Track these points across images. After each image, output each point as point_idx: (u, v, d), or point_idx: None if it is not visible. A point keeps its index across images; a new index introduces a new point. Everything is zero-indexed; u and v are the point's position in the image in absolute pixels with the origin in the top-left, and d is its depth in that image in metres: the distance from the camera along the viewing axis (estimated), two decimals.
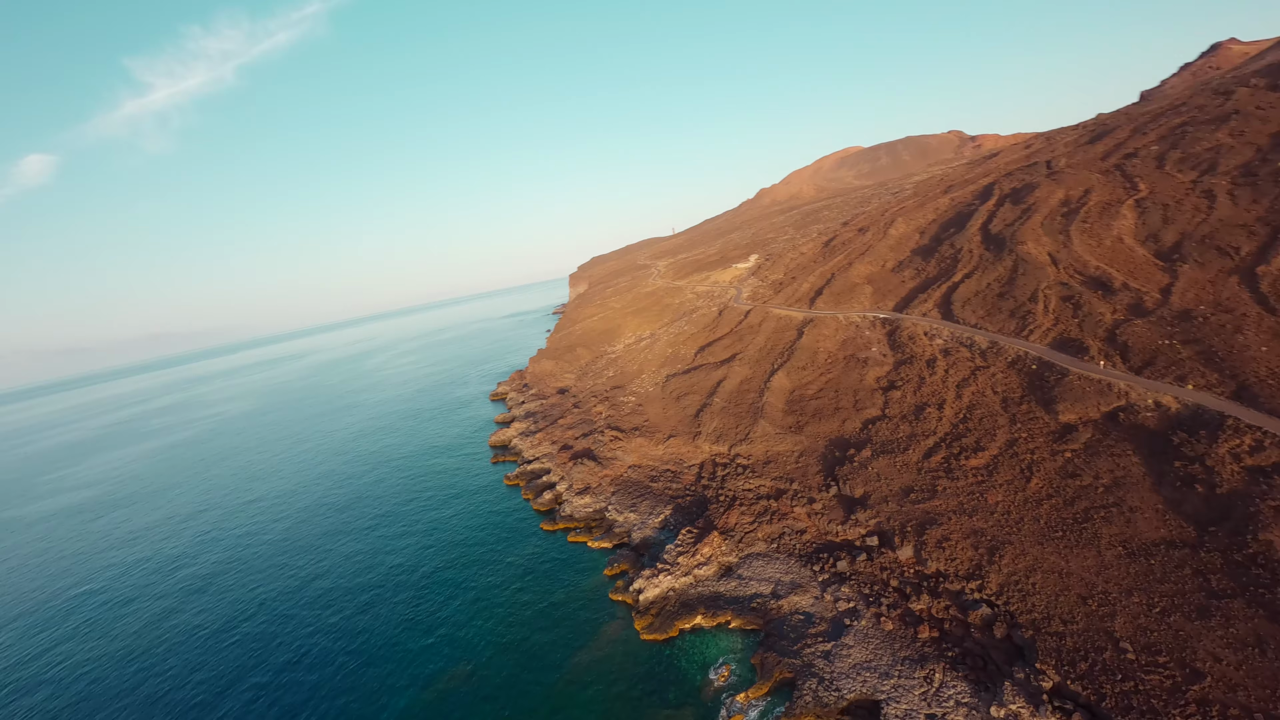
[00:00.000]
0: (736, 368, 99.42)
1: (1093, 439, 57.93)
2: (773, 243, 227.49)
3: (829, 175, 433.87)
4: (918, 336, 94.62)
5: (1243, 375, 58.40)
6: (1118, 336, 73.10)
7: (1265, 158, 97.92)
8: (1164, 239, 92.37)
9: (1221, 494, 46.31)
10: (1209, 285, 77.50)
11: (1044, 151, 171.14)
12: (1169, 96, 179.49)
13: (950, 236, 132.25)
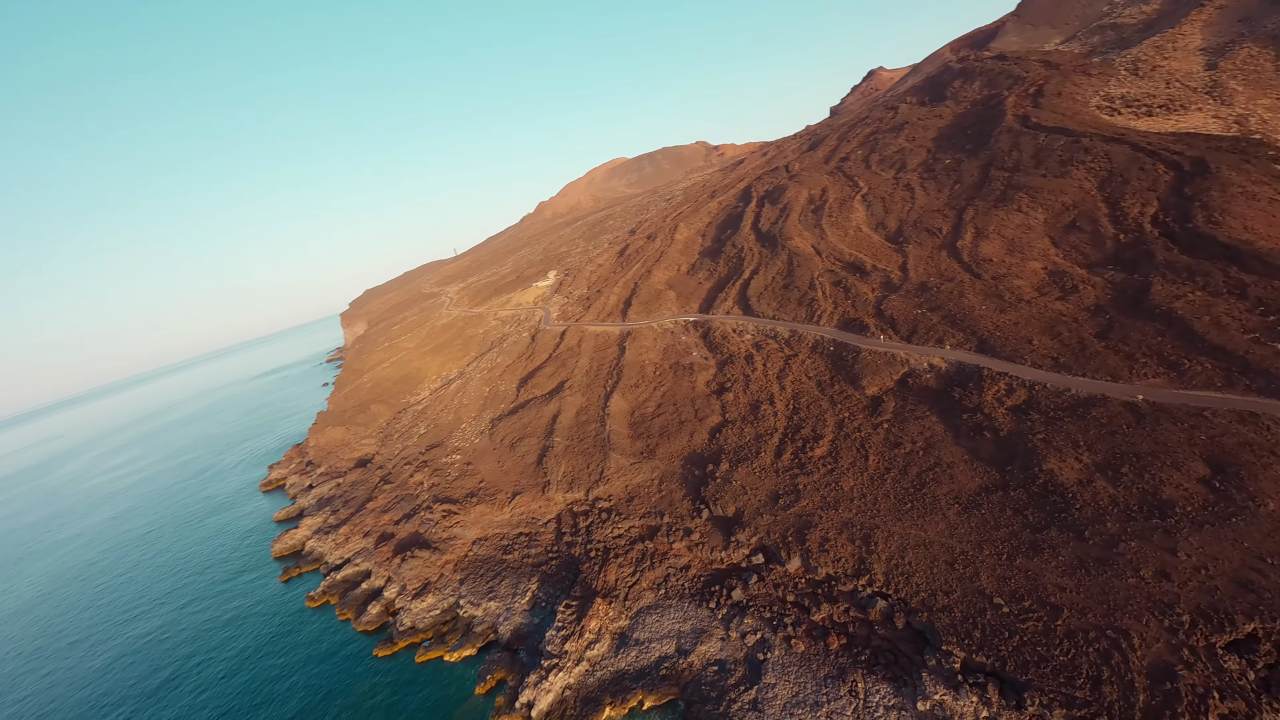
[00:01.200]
0: (569, 397, 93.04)
1: (898, 407, 65.85)
2: (567, 256, 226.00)
3: (602, 186, 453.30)
4: (729, 335, 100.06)
5: (979, 331, 72.43)
6: (884, 311, 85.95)
7: (935, 156, 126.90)
8: (889, 225, 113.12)
9: (1004, 436, 55.52)
10: (929, 260, 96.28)
11: (779, 158, 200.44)
12: (853, 111, 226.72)
13: (729, 237, 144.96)
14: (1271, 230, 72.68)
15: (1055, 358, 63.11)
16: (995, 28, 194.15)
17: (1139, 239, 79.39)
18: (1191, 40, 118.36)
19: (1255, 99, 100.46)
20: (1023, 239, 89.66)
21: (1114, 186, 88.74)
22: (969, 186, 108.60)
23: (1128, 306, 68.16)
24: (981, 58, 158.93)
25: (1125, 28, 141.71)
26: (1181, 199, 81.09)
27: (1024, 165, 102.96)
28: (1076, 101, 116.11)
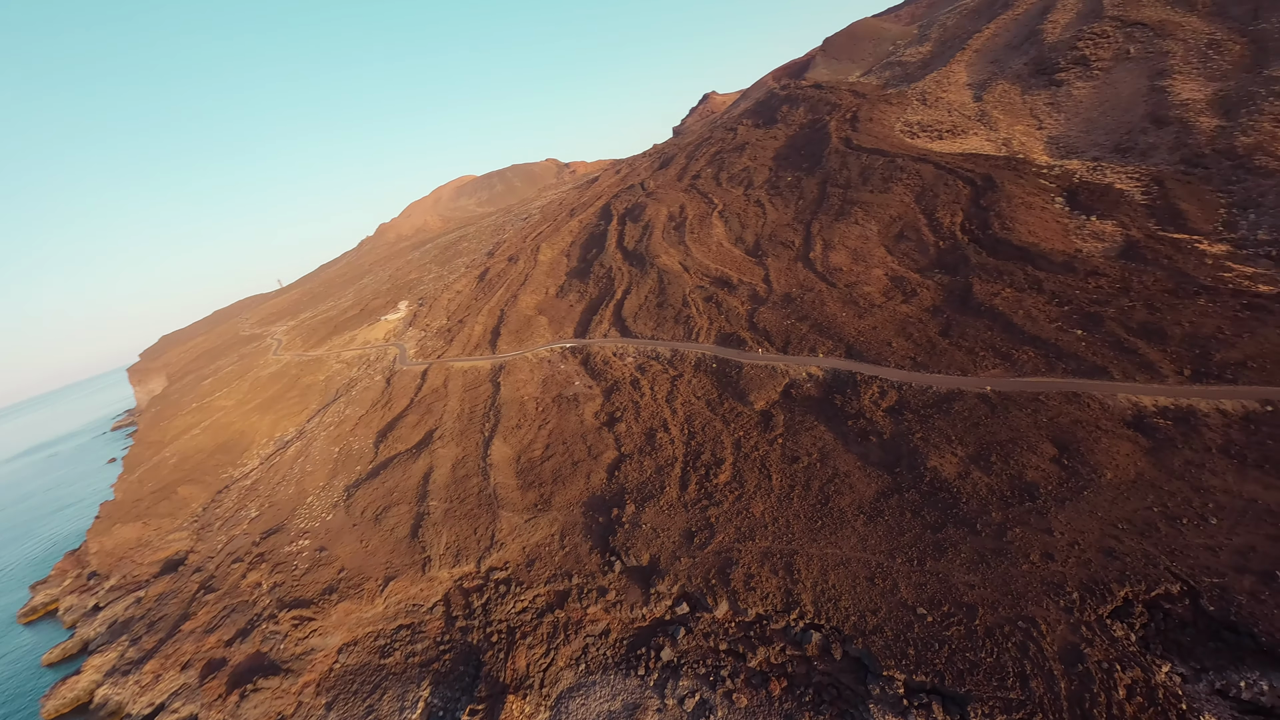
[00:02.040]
0: (441, 449, 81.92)
1: (788, 419, 66.97)
2: (419, 284, 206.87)
3: (451, 205, 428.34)
4: (611, 360, 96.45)
5: (845, 337, 77.08)
6: (757, 324, 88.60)
7: (777, 174, 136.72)
8: (747, 240, 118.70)
9: (888, 439, 58.41)
10: (788, 271, 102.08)
11: (633, 175, 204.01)
12: (695, 131, 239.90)
13: (596, 256, 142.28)
14: (1049, 234, 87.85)
15: (913, 358, 68.74)
16: (807, 60, 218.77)
17: (955, 245, 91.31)
18: (960, 77, 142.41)
19: (1013, 125, 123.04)
20: (863, 249, 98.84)
21: (928, 200, 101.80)
22: (811, 202, 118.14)
23: (959, 305, 77.27)
24: (801, 86, 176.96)
25: (909, 65, 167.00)
26: (980, 210, 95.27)
27: (854, 183, 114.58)
28: (884, 126, 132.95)
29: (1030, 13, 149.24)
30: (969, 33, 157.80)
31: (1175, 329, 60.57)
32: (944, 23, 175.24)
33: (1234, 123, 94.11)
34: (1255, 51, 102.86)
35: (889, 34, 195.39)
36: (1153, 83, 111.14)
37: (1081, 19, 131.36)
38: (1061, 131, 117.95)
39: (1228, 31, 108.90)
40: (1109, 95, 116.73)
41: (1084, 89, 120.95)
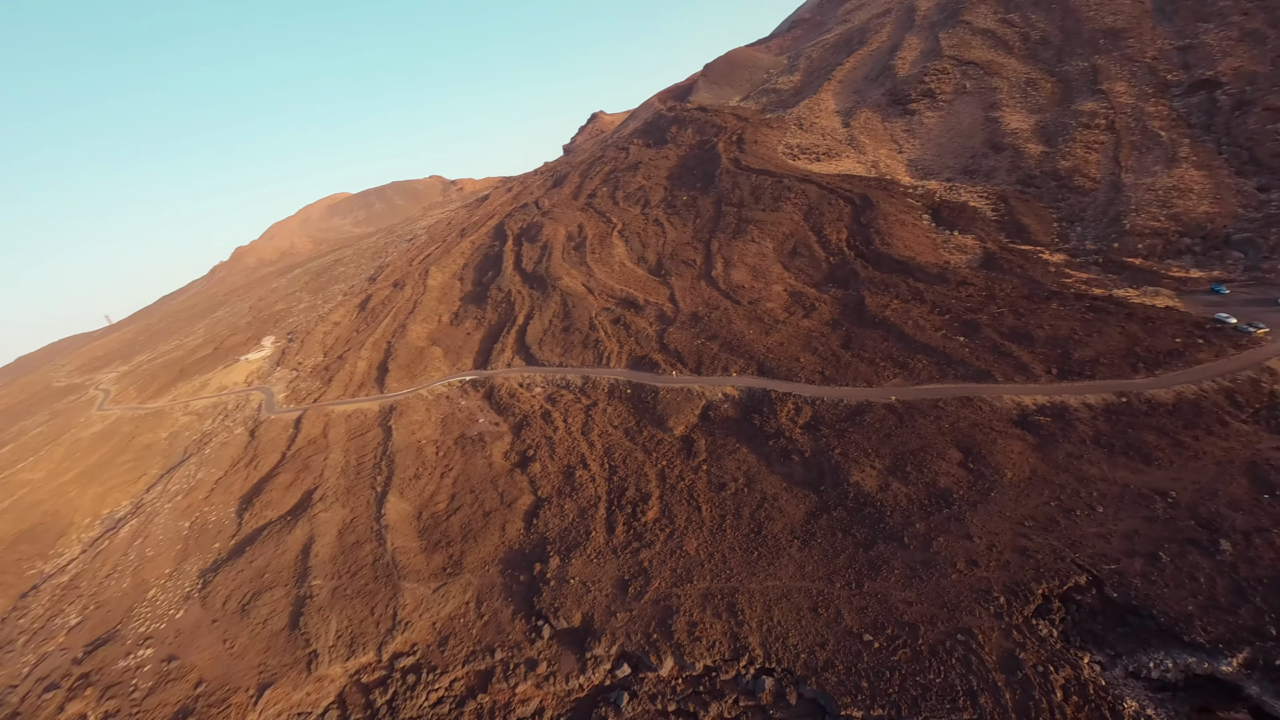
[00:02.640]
0: (324, 513, 70.56)
1: (710, 444, 65.44)
2: (288, 315, 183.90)
3: (323, 225, 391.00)
4: (517, 391, 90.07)
5: (755, 355, 77.70)
6: (668, 345, 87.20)
7: (673, 194, 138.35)
8: (649, 259, 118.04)
9: (809, 456, 58.61)
10: (692, 290, 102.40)
11: (526, 193, 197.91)
12: (586, 150, 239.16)
13: (492, 280, 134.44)
14: (922, 248, 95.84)
15: (821, 372, 70.52)
16: (689, 84, 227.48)
17: (844, 260, 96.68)
18: (829, 105, 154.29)
19: (878, 149, 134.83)
20: (762, 265, 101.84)
21: (815, 218, 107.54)
22: (708, 221, 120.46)
23: (855, 318, 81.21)
24: (687, 108, 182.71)
25: (783, 92, 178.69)
26: (861, 226, 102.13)
27: (747, 202, 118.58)
28: (768, 148, 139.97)
29: (882, 49, 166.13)
30: (832, 65, 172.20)
31: (1039, 332, 67.35)
32: (809, 55, 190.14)
33: (1055, 149, 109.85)
34: (1063, 89, 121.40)
35: (762, 63, 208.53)
36: (987, 114, 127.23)
37: (925, 56, 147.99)
38: (918, 155, 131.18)
39: (1040, 72, 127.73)
40: (954, 124, 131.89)
41: (933, 118, 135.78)
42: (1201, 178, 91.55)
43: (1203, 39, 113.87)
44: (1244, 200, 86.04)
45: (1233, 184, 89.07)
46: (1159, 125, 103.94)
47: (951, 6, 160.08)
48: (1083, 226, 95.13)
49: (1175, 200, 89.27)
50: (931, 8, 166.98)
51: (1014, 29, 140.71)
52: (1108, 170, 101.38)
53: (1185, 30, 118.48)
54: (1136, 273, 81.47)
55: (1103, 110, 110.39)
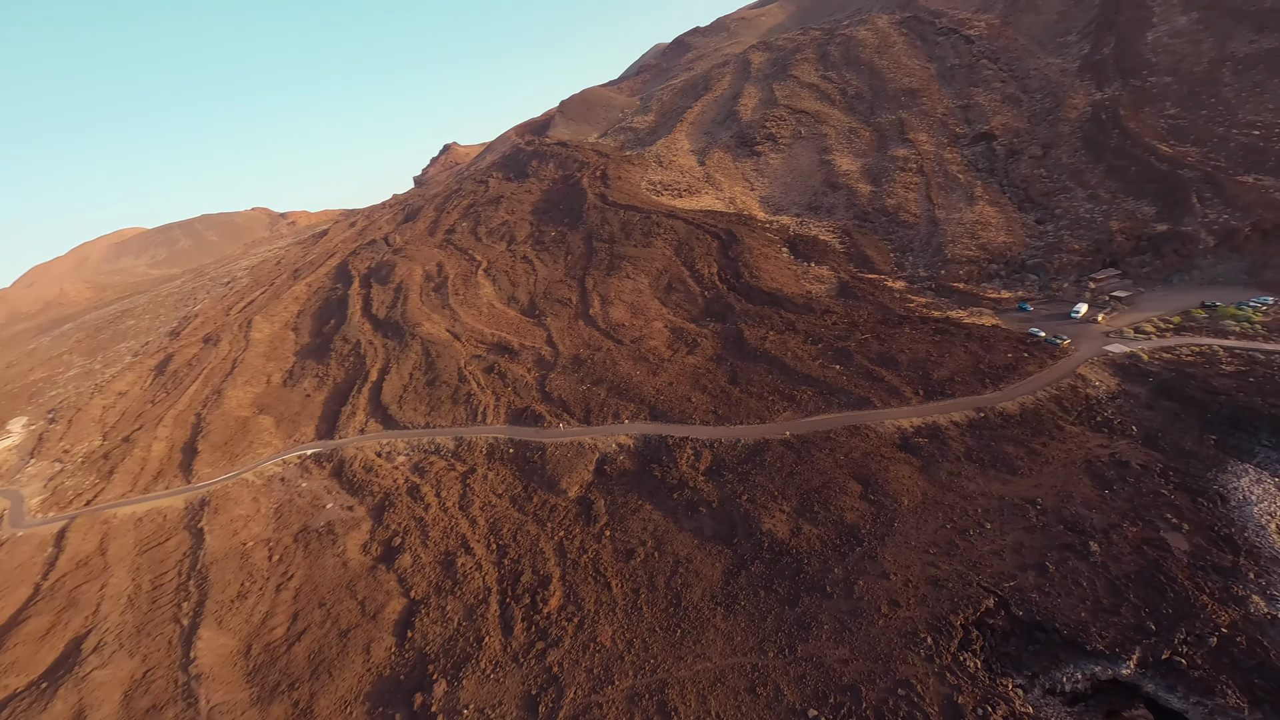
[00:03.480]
0: (100, 670, 51.18)
1: (610, 504, 59.42)
2: (50, 386, 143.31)
3: (107, 267, 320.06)
4: (374, 463, 76.27)
5: (645, 398, 73.86)
6: (551, 393, 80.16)
7: (540, 229, 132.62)
8: (520, 299, 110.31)
9: (717, 507, 55.21)
10: (570, 331, 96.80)
11: (372, 228, 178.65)
12: (441, 182, 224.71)
13: (336, 329, 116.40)
14: (786, 280, 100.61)
15: (714, 411, 68.54)
16: (546, 119, 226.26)
17: (718, 294, 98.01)
18: (684, 144, 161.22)
19: (733, 186, 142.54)
20: (640, 302, 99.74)
21: (686, 253, 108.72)
22: (580, 257, 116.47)
23: (737, 351, 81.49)
24: (547, 143, 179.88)
25: (639, 131, 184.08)
26: (730, 260, 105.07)
27: (618, 237, 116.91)
28: (632, 184, 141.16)
29: (725, 96, 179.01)
30: (682, 108, 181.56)
31: (901, 356, 72.17)
32: (660, 98, 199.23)
33: (880, 188, 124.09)
34: (879, 137, 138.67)
35: (617, 103, 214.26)
36: (822, 157, 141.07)
37: (764, 104, 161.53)
38: (768, 192, 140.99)
39: (859, 122, 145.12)
40: (795, 165, 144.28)
41: (776, 159, 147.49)
42: (995, 213, 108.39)
43: (976, 100, 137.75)
44: (1029, 231, 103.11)
45: (1018, 218, 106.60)
46: (957, 169, 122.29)
47: (780, 62, 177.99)
48: (913, 256, 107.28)
49: (980, 232, 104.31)
50: (764, 62, 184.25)
51: (833, 84, 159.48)
52: (925, 207, 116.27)
53: (963, 92, 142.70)
54: (962, 296, 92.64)
55: (912, 156, 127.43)
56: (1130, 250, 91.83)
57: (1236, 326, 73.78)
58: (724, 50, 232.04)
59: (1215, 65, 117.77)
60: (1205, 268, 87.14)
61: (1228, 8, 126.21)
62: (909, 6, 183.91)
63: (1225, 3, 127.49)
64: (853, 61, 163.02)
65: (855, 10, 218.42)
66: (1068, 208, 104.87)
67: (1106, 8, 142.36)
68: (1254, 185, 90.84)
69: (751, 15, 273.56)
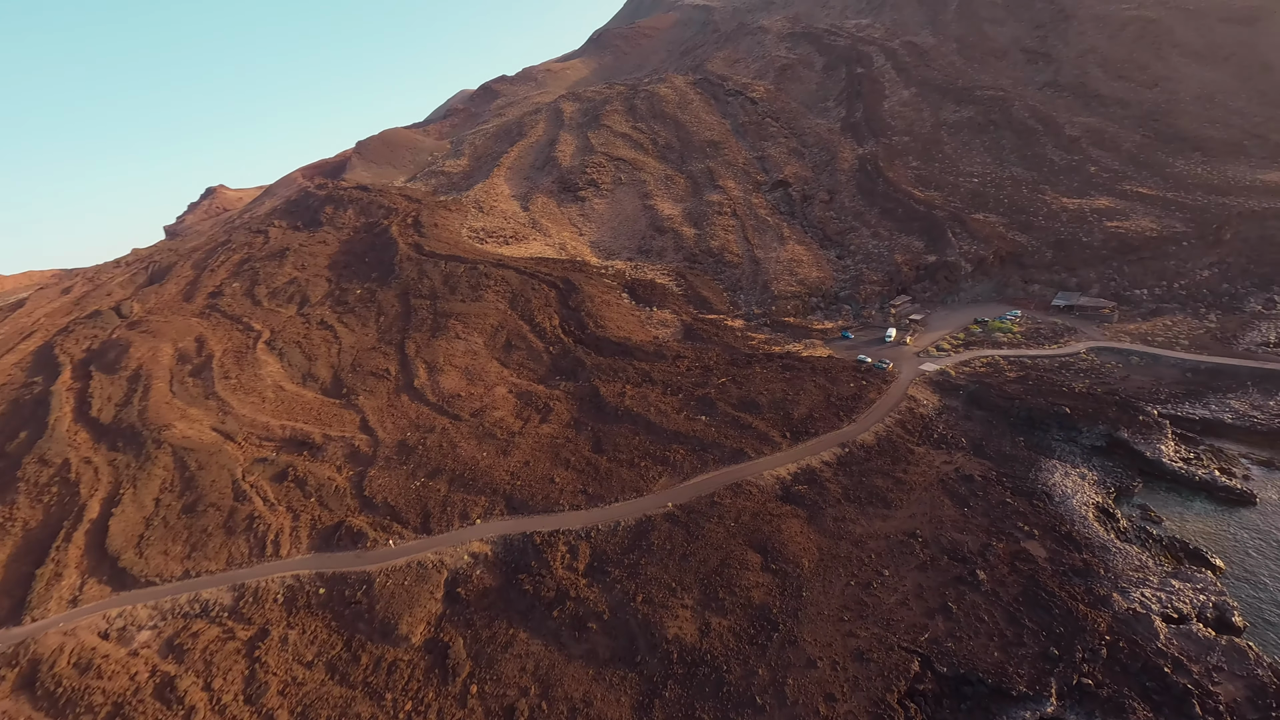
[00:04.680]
0: None
1: (471, 644, 46.03)
2: None
3: None
4: (96, 656, 50.93)
5: (498, 486, 61.59)
6: (372, 498, 63.13)
7: (341, 287, 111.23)
8: (321, 376, 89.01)
9: (608, 619, 45.61)
10: (393, 410, 79.79)
11: (96, 295, 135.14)
12: (203, 232, 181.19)
13: (27, 447, 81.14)
14: (632, 327, 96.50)
15: (584, 490, 59.35)
16: (341, 160, 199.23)
17: (564, 348, 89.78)
18: (504, 189, 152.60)
19: (561, 232, 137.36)
20: (476, 366, 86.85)
21: (523, 305, 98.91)
22: (396, 318, 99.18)
23: (596, 412, 73.65)
24: (344, 187, 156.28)
25: (453, 175, 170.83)
26: (571, 310, 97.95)
27: (441, 292, 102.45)
28: (451, 231, 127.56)
29: (541, 142, 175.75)
30: (498, 153, 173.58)
31: (761, 398, 71.25)
32: (473, 141, 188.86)
33: (703, 231, 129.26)
34: (693, 184, 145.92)
35: (425, 145, 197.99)
36: (644, 202, 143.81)
37: (582, 151, 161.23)
38: (598, 237, 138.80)
39: (673, 169, 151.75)
40: (620, 209, 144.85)
41: (601, 204, 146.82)
42: (803, 251, 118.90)
43: (769, 152, 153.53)
44: (834, 266, 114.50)
45: (823, 255, 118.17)
46: (765, 213, 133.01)
47: (592, 112, 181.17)
48: (744, 294, 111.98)
49: (796, 269, 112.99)
50: (575, 111, 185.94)
51: (645, 135, 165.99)
52: (745, 248, 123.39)
53: (756, 145, 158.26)
54: (794, 329, 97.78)
55: (725, 201, 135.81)
56: (914, 278, 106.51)
57: (1005, 337, 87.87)
58: (533, 99, 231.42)
59: (936, 128, 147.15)
60: (968, 289, 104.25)
61: (934, 85, 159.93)
62: (699, 70, 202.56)
63: (932, 81, 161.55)
64: (659, 115, 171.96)
65: (652, 70, 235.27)
66: (859, 244, 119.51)
67: (851, 81, 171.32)
68: (986, 221, 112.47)
69: (557, 68, 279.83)
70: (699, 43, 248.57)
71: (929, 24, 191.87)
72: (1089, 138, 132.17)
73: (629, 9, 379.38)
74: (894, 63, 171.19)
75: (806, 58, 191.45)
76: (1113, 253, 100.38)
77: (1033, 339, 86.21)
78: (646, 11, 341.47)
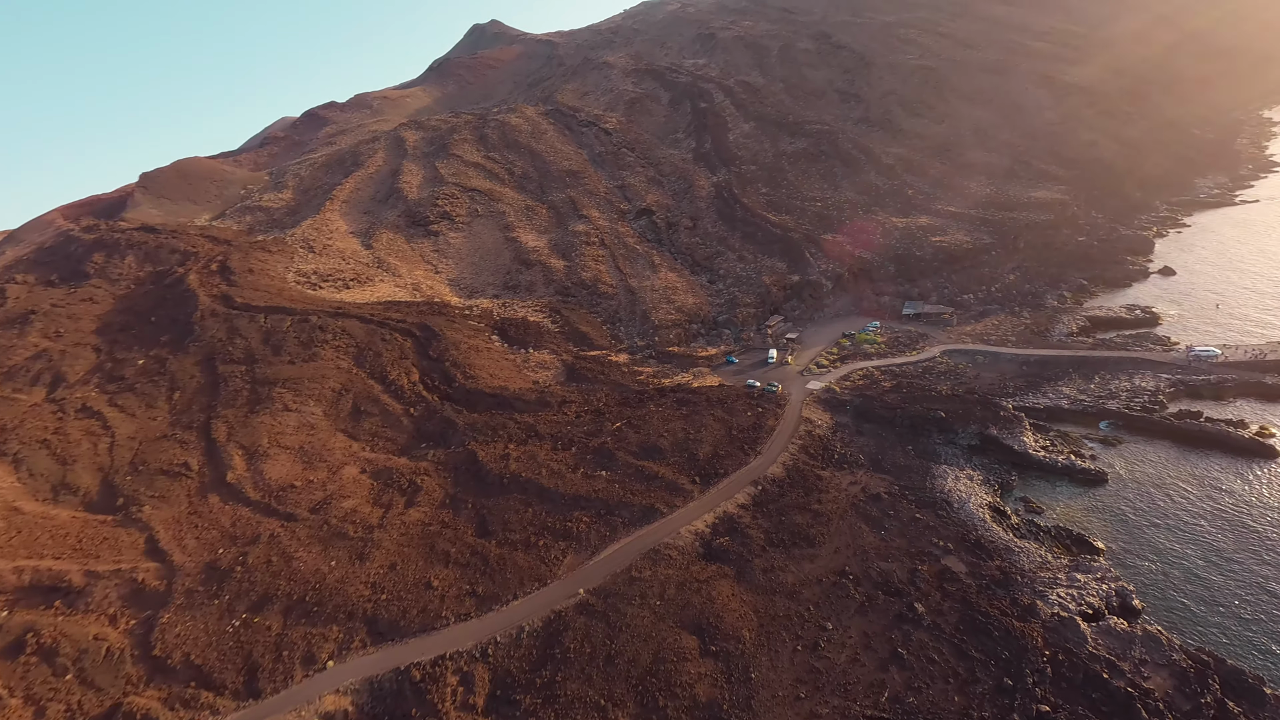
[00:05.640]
0: None
1: None
2: None
3: None
4: None
5: (355, 607, 47.71)
6: (166, 660, 45.27)
7: (115, 358, 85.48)
8: (81, 484, 65.50)
9: None
10: (195, 520, 60.55)
11: None
12: None
13: None
14: (508, 374, 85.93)
15: (472, 592, 48.16)
16: (120, 196, 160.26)
17: (429, 408, 76.55)
18: (340, 226, 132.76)
19: (414, 270, 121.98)
20: (315, 444, 70.13)
21: (372, 360, 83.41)
22: (198, 393, 77.77)
23: (476, 485, 62.08)
24: (122, 229, 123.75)
25: (274, 210, 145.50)
26: (434, 361, 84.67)
27: (261, 354, 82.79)
28: (273, 277, 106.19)
29: (383, 173, 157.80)
30: (330, 185, 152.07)
31: (662, 441, 65.50)
32: (298, 173, 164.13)
33: (573, 263, 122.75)
34: (556, 215, 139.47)
35: (235, 177, 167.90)
36: (506, 234, 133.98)
37: (430, 182, 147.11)
38: (458, 274, 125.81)
39: (534, 200, 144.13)
40: (479, 243, 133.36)
41: (458, 238, 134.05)
42: (677, 278, 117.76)
43: (629, 181, 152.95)
44: (708, 291, 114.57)
45: (695, 281, 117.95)
46: (633, 241, 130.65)
47: (439, 141, 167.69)
48: (625, 326, 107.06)
49: (673, 297, 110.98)
50: (420, 141, 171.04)
51: (499, 164, 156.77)
52: (618, 278, 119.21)
53: (615, 175, 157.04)
54: (680, 359, 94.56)
55: (592, 231, 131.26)
56: (784, 299, 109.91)
57: (872, 349, 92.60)
58: (369, 126, 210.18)
59: (778, 157, 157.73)
60: (830, 305, 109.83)
61: (770, 120, 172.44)
62: (550, 101, 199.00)
63: (768, 116, 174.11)
64: (512, 144, 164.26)
65: (500, 100, 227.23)
66: (728, 268, 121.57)
67: (697, 115, 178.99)
68: (834, 241, 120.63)
69: (395, 95, 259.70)
70: (546, 75, 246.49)
71: (756, 66, 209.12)
72: (901, 165, 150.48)
73: (469, 41, 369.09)
74: (732, 99, 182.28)
75: (653, 92, 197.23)
76: (942, 264, 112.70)
77: (895, 348, 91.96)
78: (488, 44, 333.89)
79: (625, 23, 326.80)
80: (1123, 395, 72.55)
